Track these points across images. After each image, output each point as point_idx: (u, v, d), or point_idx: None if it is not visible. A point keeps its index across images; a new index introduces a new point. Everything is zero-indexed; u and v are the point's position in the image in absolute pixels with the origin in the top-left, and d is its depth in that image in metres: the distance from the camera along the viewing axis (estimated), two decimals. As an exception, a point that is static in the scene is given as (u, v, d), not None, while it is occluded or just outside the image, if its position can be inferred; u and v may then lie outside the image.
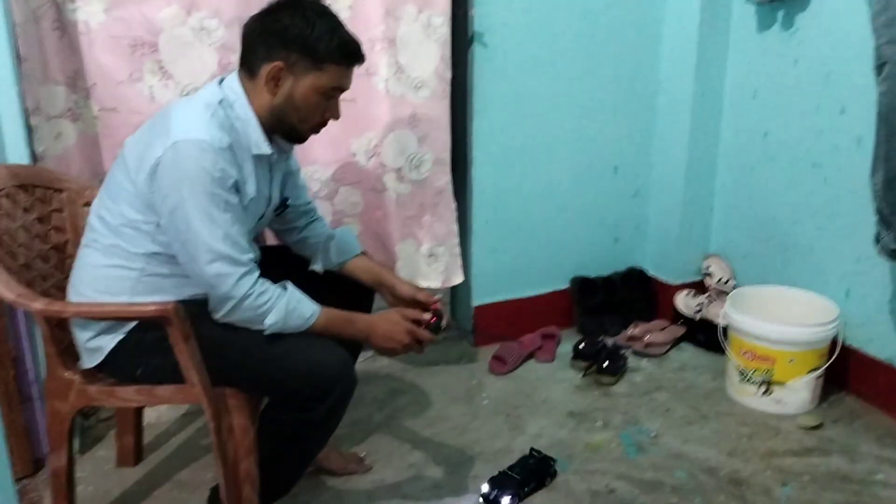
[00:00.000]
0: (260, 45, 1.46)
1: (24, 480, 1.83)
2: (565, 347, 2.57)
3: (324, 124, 1.56)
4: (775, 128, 2.40)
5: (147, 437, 2.01)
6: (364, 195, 2.24)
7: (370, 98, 2.13)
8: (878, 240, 1.95)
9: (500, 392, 2.33)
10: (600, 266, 2.76)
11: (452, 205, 2.32)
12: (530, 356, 2.54)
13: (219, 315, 1.44)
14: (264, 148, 1.49)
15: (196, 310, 1.45)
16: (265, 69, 1.45)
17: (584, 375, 2.41)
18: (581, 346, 2.48)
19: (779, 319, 2.15)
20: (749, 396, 2.21)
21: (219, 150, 1.38)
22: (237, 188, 1.43)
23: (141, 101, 1.94)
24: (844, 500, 1.81)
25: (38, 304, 1.39)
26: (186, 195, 1.37)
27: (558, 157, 2.57)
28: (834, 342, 2.17)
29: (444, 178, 2.28)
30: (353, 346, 1.65)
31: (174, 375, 1.46)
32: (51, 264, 1.68)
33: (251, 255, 1.45)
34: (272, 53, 1.44)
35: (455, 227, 2.34)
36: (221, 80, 1.50)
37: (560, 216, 2.64)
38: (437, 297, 1.74)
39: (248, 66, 1.48)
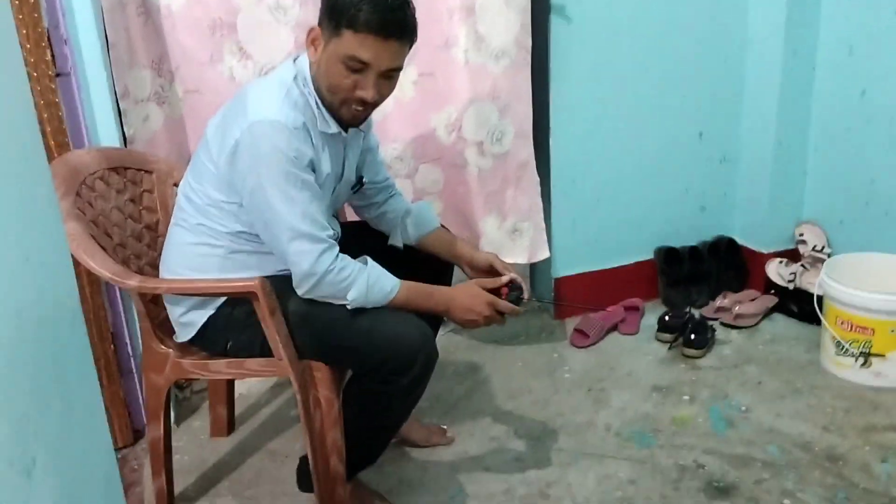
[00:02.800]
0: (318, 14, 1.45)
1: (124, 450, 1.93)
2: (649, 320, 2.51)
3: (357, 102, 1.44)
4: (873, 86, 2.25)
5: (238, 409, 2.09)
6: (445, 171, 2.22)
7: (450, 71, 2.10)
8: None
9: (582, 365, 2.30)
10: (686, 235, 2.67)
11: (536, 178, 2.27)
12: (613, 329, 2.50)
13: (302, 291, 1.46)
14: (333, 127, 1.49)
15: (281, 286, 1.47)
16: (308, 35, 1.44)
17: (669, 348, 2.36)
18: (666, 318, 2.42)
19: (879, 288, 2.04)
20: (846, 369, 2.11)
21: (293, 130, 1.39)
22: (313, 167, 1.44)
23: (221, 81, 1.97)
24: (953, 478, 1.72)
25: (133, 282, 1.45)
26: (264, 176, 1.39)
27: (640, 125, 2.49)
28: (940, 312, 2.04)
29: (527, 151, 2.24)
30: (434, 319, 1.65)
31: (262, 349, 1.50)
32: (144, 243, 1.74)
33: (331, 232, 1.46)
34: (319, 18, 1.43)
35: (539, 202, 2.29)
36: (297, 58, 1.51)
37: (643, 185, 2.56)
38: (513, 268, 1.71)
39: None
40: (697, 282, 2.63)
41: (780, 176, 2.53)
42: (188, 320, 1.55)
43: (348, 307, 1.46)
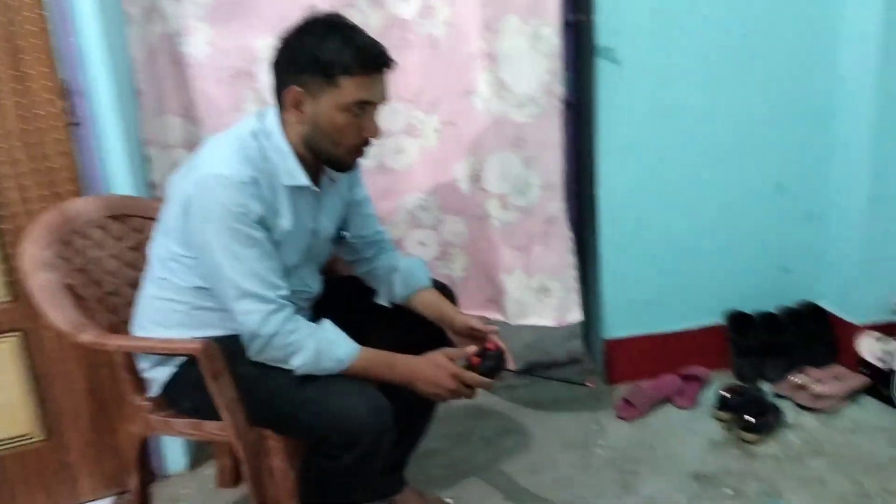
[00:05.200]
0: (279, 73, 1.41)
1: (124, 494, 1.94)
2: (712, 393, 2.23)
3: (365, 144, 1.44)
4: None
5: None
6: (468, 224, 2.09)
7: (470, 119, 1.99)
8: None
9: (620, 441, 2.07)
10: (763, 300, 2.37)
11: (567, 234, 2.08)
12: (667, 400, 2.24)
13: (251, 353, 1.39)
14: (300, 179, 1.43)
15: (235, 346, 1.41)
16: (286, 97, 1.39)
17: (726, 430, 2.07)
18: (727, 394, 2.13)
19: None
20: (934, 475, 1.75)
21: (239, 185, 1.34)
22: (264, 223, 1.38)
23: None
24: None
25: (86, 337, 1.44)
26: (210, 232, 1.34)
27: (706, 175, 2.24)
28: None
29: (556, 205, 2.05)
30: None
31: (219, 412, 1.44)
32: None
33: (283, 292, 1.39)
34: (290, 79, 1.38)
35: (571, 259, 2.10)
36: (263, 113, 1.46)
37: (710, 241, 2.30)
38: (493, 329, 1.55)
39: (277, 98, 1.43)
40: (775, 353, 2.31)
41: (876, 234, 2.18)
42: (152, 376, 1.53)
43: (297, 374, 1.37)
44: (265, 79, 1.93)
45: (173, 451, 2.04)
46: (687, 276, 2.32)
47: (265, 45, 1.92)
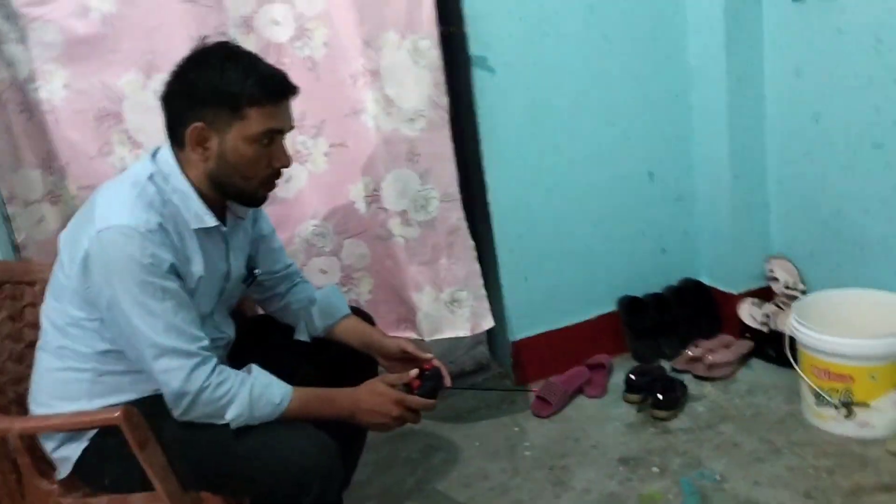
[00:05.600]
0: (176, 109, 1.32)
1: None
2: (618, 378, 2.31)
3: (276, 175, 1.39)
4: (826, 108, 2.09)
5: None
6: (371, 245, 2.06)
7: (361, 139, 1.96)
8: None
9: (544, 439, 2.10)
10: (650, 282, 2.49)
11: (470, 243, 2.10)
12: (578, 392, 2.30)
13: (177, 413, 1.29)
14: (208, 220, 1.34)
15: (157, 408, 1.30)
16: (187, 134, 1.30)
17: (638, 410, 2.16)
18: (632, 377, 2.22)
19: (853, 330, 1.85)
20: (829, 421, 1.91)
21: (145, 234, 1.24)
22: (176, 271, 1.28)
23: (114, 174, 1.82)
24: (954, 547, 1.50)
25: (-18, 424, 1.28)
26: (118, 288, 1.23)
27: (585, 170, 2.33)
28: (925, 349, 1.85)
29: (456, 214, 2.06)
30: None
31: (144, 482, 1.32)
32: (25, 364, 1.56)
33: (204, 343, 1.29)
34: (189, 115, 1.29)
35: (476, 268, 2.11)
36: (155, 153, 1.36)
37: (596, 233, 2.39)
38: (428, 355, 1.54)
39: (174, 135, 1.34)
40: (666, 332, 2.44)
41: (741, 210, 2.35)
42: (62, 455, 1.37)
43: (232, 427, 1.29)
44: (135, 118, 1.84)
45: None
46: (579, 269, 2.40)
47: (130, 82, 1.81)
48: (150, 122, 1.81)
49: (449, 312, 2.09)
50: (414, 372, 1.44)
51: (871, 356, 1.80)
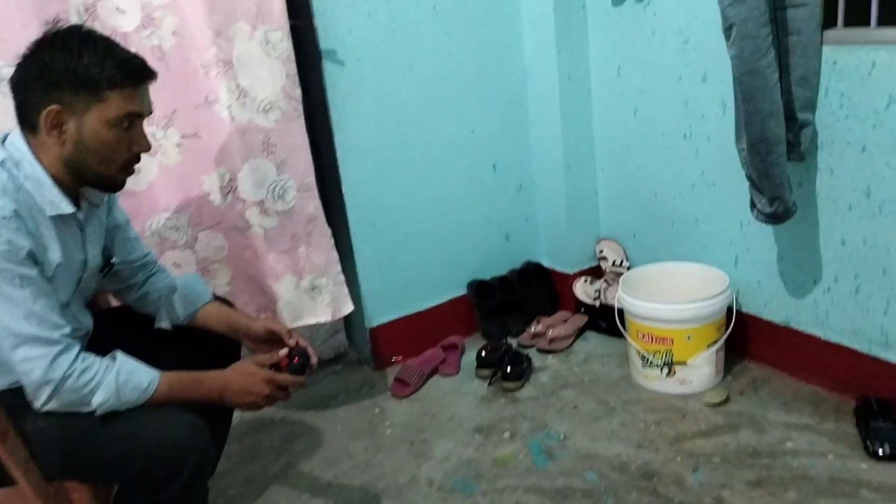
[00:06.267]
0: (29, 93, 1.28)
1: None
2: (470, 357, 2.46)
3: (135, 160, 1.38)
4: (643, 103, 2.35)
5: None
6: (227, 236, 2.06)
7: (215, 129, 1.96)
8: (753, 206, 1.92)
9: (404, 417, 2.21)
10: (495, 266, 2.67)
11: (327, 231, 2.15)
12: (434, 372, 2.43)
13: (39, 404, 1.26)
14: (64, 207, 1.32)
15: (16, 400, 1.27)
16: (41, 118, 1.27)
17: (489, 384, 2.31)
18: (483, 354, 2.38)
19: (671, 297, 2.10)
20: (654, 380, 2.15)
21: (1, 221, 1.21)
22: (34, 258, 1.26)
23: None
24: (756, 476, 1.76)
25: None
26: (-27, 277, 1.19)
27: (434, 162, 2.46)
28: (729, 312, 2.13)
29: (313, 204, 2.11)
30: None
31: (2, 477, 1.28)
32: None
33: (66, 330, 1.27)
34: (43, 99, 1.27)
35: (335, 255, 2.18)
36: (4, 139, 1.32)
37: (445, 221, 2.53)
38: (293, 335, 1.59)
39: (26, 120, 1.30)
40: (511, 311, 2.62)
41: (574, 197, 2.58)
42: None
43: (98, 414, 1.28)
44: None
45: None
46: (431, 255, 2.52)
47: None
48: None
49: (309, 299, 2.14)
50: (284, 351, 1.49)
51: (686, 319, 2.06)
